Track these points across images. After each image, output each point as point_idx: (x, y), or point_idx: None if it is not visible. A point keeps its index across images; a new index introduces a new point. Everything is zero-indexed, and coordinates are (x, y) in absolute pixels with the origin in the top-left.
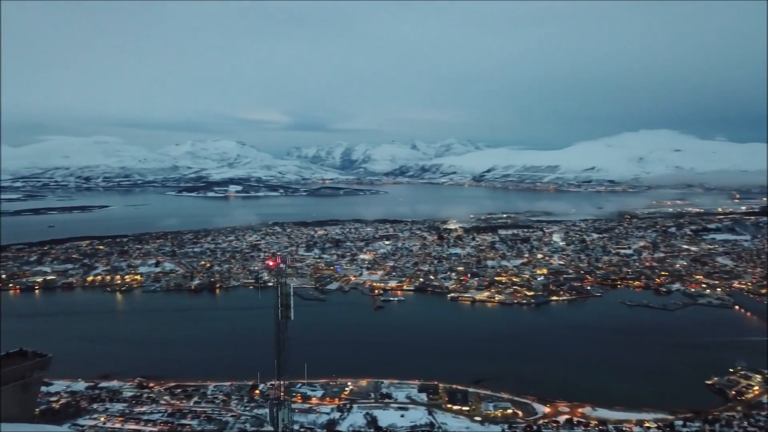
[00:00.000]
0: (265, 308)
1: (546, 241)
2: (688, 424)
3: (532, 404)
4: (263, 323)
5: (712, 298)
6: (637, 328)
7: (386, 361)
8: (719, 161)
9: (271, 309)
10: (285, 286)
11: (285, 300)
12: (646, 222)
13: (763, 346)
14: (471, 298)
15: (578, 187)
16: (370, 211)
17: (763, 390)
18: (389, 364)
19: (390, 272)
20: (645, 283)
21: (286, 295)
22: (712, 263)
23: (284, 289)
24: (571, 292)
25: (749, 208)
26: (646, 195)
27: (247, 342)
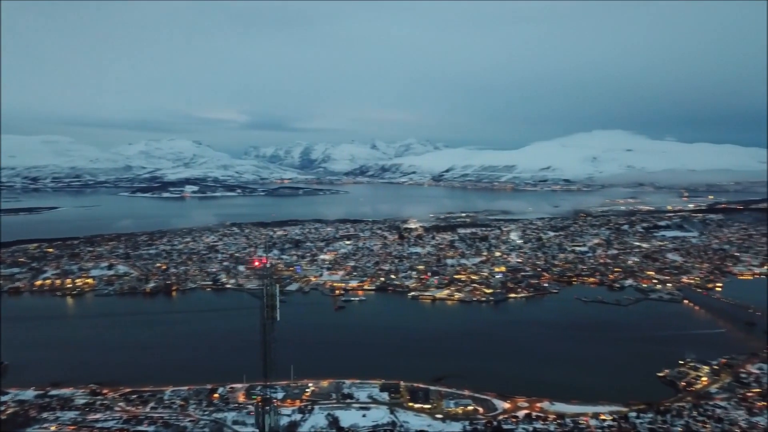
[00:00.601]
0: (225, 310)
1: (504, 239)
2: (642, 416)
3: (492, 400)
4: (223, 325)
5: (662, 293)
6: (593, 323)
7: (348, 361)
8: (668, 161)
9: (231, 311)
10: (271, 286)
11: (271, 300)
12: (600, 220)
13: (711, 339)
14: (431, 296)
15: (534, 187)
16: (331, 211)
17: (710, 381)
18: (351, 364)
19: (351, 272)
20: (599, 279)
21: (272, 295)
22: (662, 259)
23: (270, 290)
24: (529, 289)
25: (697, 206)
26: (600, 193)
27: (206, 345)
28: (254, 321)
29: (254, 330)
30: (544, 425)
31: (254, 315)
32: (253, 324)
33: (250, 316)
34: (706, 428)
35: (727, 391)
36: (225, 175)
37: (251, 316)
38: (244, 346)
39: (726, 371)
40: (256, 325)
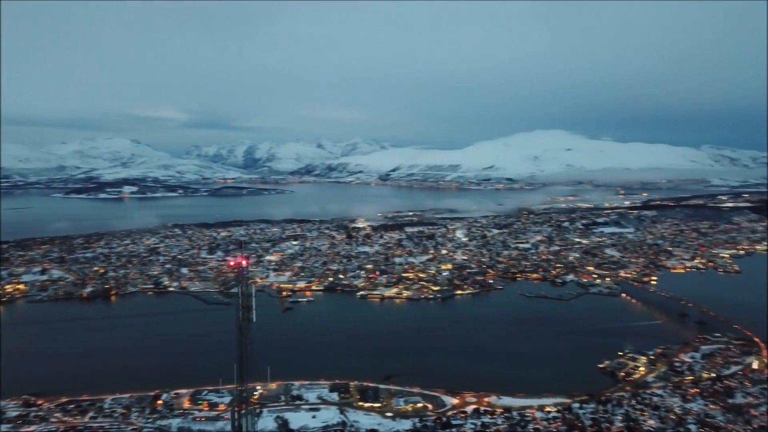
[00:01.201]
0: (168, 314)
1: (450, 237)
2: (584, 406)
3: (441, 397)
4: (167, 330)
5: (602, 287)
6: (536, 318)
7: (296, 362)
8: (605, 160)
9: (174, 315)
10: (247, 285)
11: (246, 301)
12: (542, 217)
13: (647, 330)
14: (380, 295)
15: (479, 185)
16: (276, 211)
17: (647, 370)
18: (300, 366)
19: (298, 273)
20: (542, 275)
21: (248, 295)
22: (601, 255)
23: (246, 289)
24: (475, 286)
25: (632, 203)
26: (541, 192)
27: (148, 351)
28: (199, 324)
29: (200, 333)
30: (491, 419)
31: (199, 318)
32: (198, 327)
33: (195, 319)
34: (644, 416)
35: (662, 380)
36: (166, 175)
37: (196, 320)
38: (189, 350)
39: (661, 361)
40: (202, 328)
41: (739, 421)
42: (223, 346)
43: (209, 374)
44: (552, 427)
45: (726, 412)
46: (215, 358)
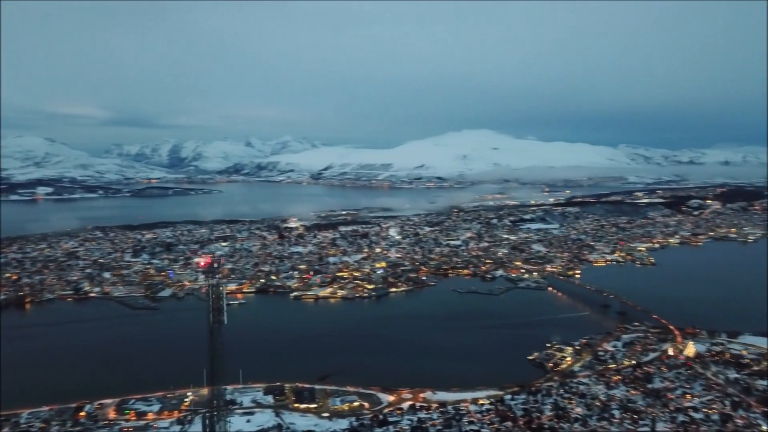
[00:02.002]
0: (90, 321)
1: (383, 235)
2: (516, 397)
3: (377, 394)
4: (89, 338)
5: (529, 281)
6: (468, 312)
7: (229, 366)
8: (530, 158)
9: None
10: (217, 287)
11: (217, 303)
12: (472, 215)
13: (573, 322)
14: (314, 295)
15: (410, 184)
16: (205, 212)
17: (574, 360)
18: (232, 369)
19: (229, 275)
20: (473, 271)
21: (219, 297)
22: (528, 250)
23: (216, 291)
24: (409, 283)
25: (556, 200)
26: (470, 190)
27: (68, 360)
28: (124, 330)
29: (125, 339)
30: (427, 414)
31: (124, 324)
32: (124, 333)
33: (119, 325)
34: (571, 404)
35: (588, 369)
36: (84, 175)
37: (121, 326)
38: (114, 358)
39: (587, 350)
40: (128, 335)
41: (658, 404)
42: (151, 352)
43: (136, 382)
44: (485, 419)
45: (646, 397)
46: (142, 365)
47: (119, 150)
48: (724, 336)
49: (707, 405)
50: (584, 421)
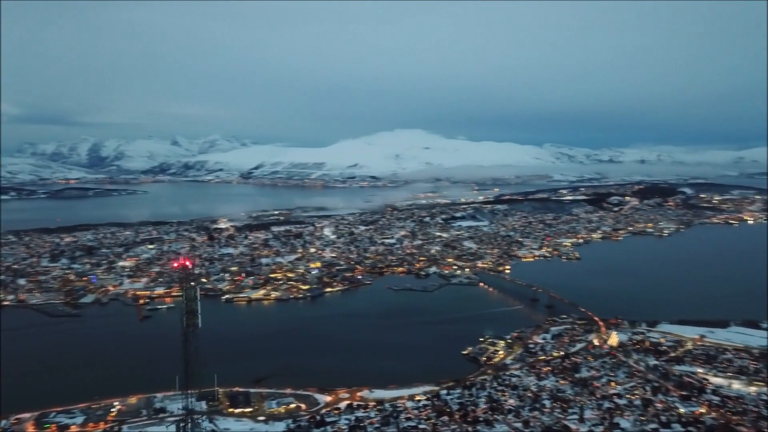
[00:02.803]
0: (1, 331)
1: (318, 235)
2: (451, 392)
3: (313, 395)
4: (1, 349)
5: (462, 277)
6: (404, 310)
7: (158, 373)
8: (460, 158)
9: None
10: (191, 289)
11: (191, 305)
12: (406, 213)
13: (504, 316)
14: (247, 297)
15: (344, 183)
16: (129, 213)
17: (506, 353)
18: (161, 376)
19: (156, 278)
20: (407, 268)
21: (193, 299)
22: (460, 247)
23: (190, 293)
24: (344, 283)
25: (486, 198)
26: (404, 189)
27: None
28: (42, 340)
29: (43, 349)
30: (365, 413)
31: (42, 333)
32: (42, 343)
33: (36, 335)
34: (504, 396)
35: (519, 361)
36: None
37: (38, 335)
38: (32, 370)
39: (518, 344)
40: (46, 344)
41: (585, 392)
42: (73, 361)
43: (58, 393)
44: (422, 415)
45: (574, 386)
46: (64, 376)
47: (33, 149)
48: (644, 325)
49: (630, 391)
50: (517, 412)
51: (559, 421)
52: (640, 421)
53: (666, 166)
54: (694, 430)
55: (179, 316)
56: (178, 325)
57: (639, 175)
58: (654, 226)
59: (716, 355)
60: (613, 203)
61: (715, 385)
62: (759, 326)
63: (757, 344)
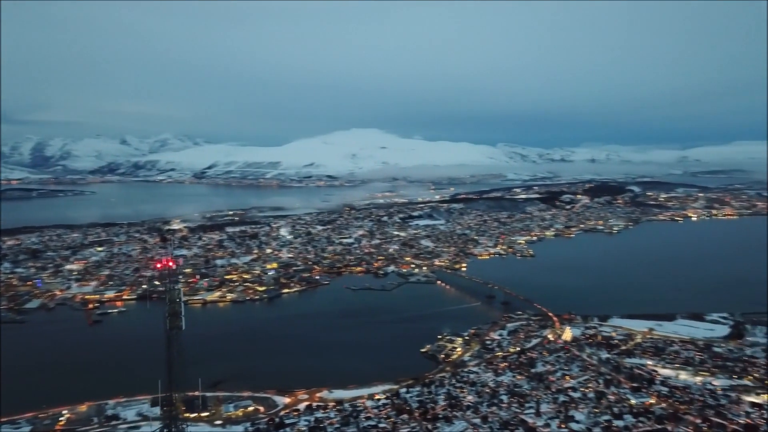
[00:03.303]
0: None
1: (274, 235)
2: (411, 390)
3: (272, 398)
4: None
5: (420, 276)
6: (362, 309)
7: (110, 378)
8: (417, 157)
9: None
10: (174, 291)
11: (174, 307)
12: (363, 213)
13: (461, 313)
14: (202, 300)
15: (300, 183)
16: (77, 214)
17: (464, 350)
18: (114, 382)
19: (106, 282)
20: (366, 268)
21: (176, 301)
22: (417, 246)
23: (173, 295)
24: (302, 283)
25: (442, 197)
26: (361, 188)
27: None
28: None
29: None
30: (324, 414)
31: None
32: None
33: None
34: (463, 393)
35: (477, 358)
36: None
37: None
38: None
39: (475, 340)
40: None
41: (541, 387)
42: (17, 370)
43: (1, 404)
44: (382, 413)
45: (530, 381)
46: (8, 385)
47: None
48: (596, 320)
49: (584, 384)
50: (476, 408)
51: (517, 416)
52: (593, 413)
53: (615, 165)
54: (645, 420)
55: (131, 320)
56: (129, 330)
57: (589, 173)
58: (604, 224)
59: (664, 348)
60: (565, 201)
61: (664, 376)
62: (703, 318)
63: (702, 336)
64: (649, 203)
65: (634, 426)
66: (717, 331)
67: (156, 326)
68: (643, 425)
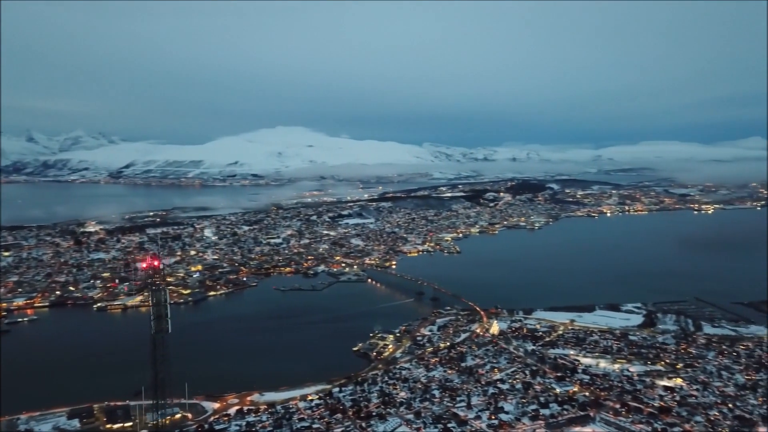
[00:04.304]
0: None
1: (198, 236)
2: (344, 389)
3: (201, 403)
4: None
5: (350, 275)
6: (292, 310)
7: (20, 392)
8: (344, 156)
9: None
10: (161, 292)
11: (160, 309)
12: (291, 212)
13: (392, 310)
14: (122, 305)
15: (224, 182)
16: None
17: (395, 347)
18: (25, 396)
19: (14, 289)
20: (295, 268)
21: (163, 303)
22: (347, 245)
23: (159, 296)
24: (228, 285)
25: (370, 196)
26: (288, 187)
27: None
28: None
29: None
30: (256, 417)
31: None
32: None
33: None
34: (396, 389)
35: (409, 354)
36: None
37: None
38: None
39: (406, 337)
40: None
41: (471, 380)
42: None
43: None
44: (316, 414)
45: (461, 375)
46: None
47: None
48: (521, 313)
49: (512, 376)
50: (409, 403)
51: (449, 410)
52: (521, 403)
53: (535, 163)
54: (569, 407)
55: (45, 329)
56: (43, 339)
57: (511, 172)
58: (526, 220)
59: (585, 338)
60: (489, 199)
61: (585, 365)
62: (619, 309)
63: (618, 325)
64: (568, 200)
65: (559, 414)
66: (632, 320)
67: (73, 335)
68: (567, 413)
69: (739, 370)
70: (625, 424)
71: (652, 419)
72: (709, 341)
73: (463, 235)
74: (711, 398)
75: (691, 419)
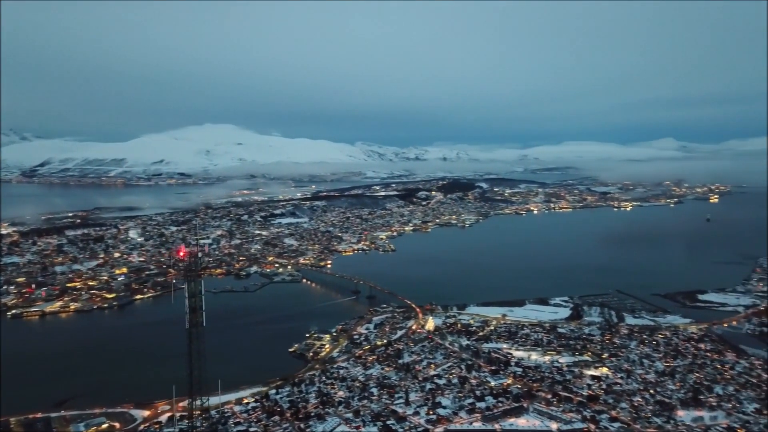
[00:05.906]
0: None
1: (122, 238)
2: (281, 391)
3: (129, 412)
4: None
5: (284, 275)
6: (225, 312)
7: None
8: (275, 154)
9: None
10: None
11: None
12: (221, 212)
13: (328, 310)
14: (40, 311)
15: (148, 181)
16: None
17: (332, 347)
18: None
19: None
20: (226, 269)
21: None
22: (281, 245)
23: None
24: (156, 288)
25: (304, 195)
26: (218, 186)
27: None
28: None
29: None
30: (189, 423)
31: None
32: None
33: None
34: (334, 389)
35: (346, 353)
36: None
37: None
38: None
39: (343, 336)
40: None
41: (409, 377)
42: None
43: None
44: (252, 417)
45: (398, 372)
46: None
47: None
48: (455, 309)
49: (448, 371)
50: (347, 402)
51: (387, 407)
52: (458, 397)
53: (464, 163)
54: (504, 399)
55: None
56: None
57: (442, 171)
58: (457, 218)
59: (516, 331)
60: (421, 198)
61: (518, 358)
62: (548, 303)
63: (548, 318)
64: (497, 198)
65: (494, 406)
66: (560, 313)
67: None
68: (502, 405)
69: (658, 358)
70: (556, 413)
71: (581, 407)
72: (631, 331)
73: (398, 234)
74: (634, 385)
75: (617, 406)
